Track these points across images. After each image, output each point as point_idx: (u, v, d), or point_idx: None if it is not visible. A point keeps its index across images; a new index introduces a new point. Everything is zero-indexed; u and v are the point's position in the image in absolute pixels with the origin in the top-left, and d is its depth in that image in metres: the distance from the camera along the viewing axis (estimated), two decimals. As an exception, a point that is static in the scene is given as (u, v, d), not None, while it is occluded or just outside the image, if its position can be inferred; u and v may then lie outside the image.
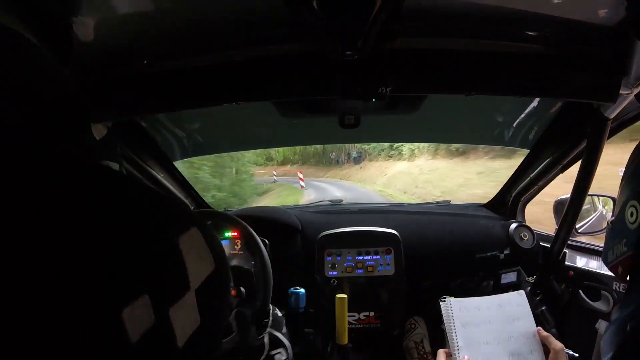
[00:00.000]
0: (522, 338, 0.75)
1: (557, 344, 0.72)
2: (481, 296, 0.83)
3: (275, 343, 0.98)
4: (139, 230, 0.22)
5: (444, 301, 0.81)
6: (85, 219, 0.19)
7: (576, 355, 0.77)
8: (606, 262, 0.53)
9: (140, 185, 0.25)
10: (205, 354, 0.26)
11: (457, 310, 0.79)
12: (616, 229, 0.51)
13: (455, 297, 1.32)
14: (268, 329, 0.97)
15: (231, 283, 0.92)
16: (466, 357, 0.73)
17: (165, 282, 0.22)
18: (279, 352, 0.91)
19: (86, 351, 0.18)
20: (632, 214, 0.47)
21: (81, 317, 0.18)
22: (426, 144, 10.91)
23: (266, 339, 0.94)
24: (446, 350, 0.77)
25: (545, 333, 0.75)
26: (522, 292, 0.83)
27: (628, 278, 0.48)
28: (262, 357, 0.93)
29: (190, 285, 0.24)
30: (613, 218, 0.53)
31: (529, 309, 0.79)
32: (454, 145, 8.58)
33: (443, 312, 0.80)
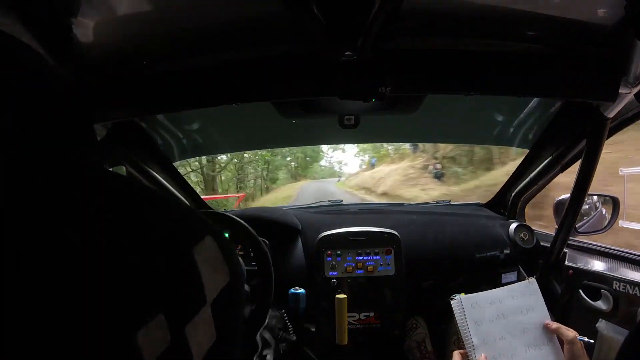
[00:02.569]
0: (537, 329, 0.74)
1: (568, 334, 0.70)
2: (490, 289, 0.81)
3: (265, 343, 0.98)
4: (151, 245, 0.20)
5: (455, 299, 0.79)
6: (94, 234, 0.18)
7: (591, 341, 0.74)
8: None
9: (150, 192, 0.24)
10: None
11: (469, 308, 0.76)
12: None
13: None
14: (261, 329, 0.95)
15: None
16: (483, 355, 0.71)
17: (180, 299, 0.21)
18: (268, 353, 0.90)
19: None
20: None
21: (95, 342, 0.16)
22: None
23: (258, 338, 0.93)
24: (461, 351, 0.75)
25: (554, 325, 0.73)
26: (533, 280, 0.80)
27: None
28: (255, 356, 0.92)
29: (206, 299, 0.22)
30: None
31: (541, 297, 0.77)
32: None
33: (455, 311, 0.78)
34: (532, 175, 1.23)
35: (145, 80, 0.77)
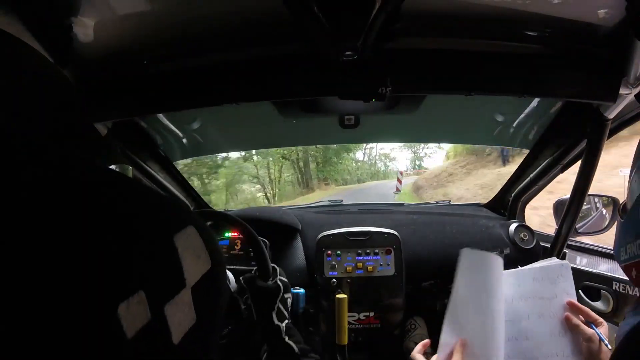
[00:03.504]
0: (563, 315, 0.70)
1: (586, 332, 0.67)
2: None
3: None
4: (134, 229, 0.22)
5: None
6: (82, 218, 0.20)
7: (609, 347, 0.72)
8: (618, 259, 0.47)
9: (136, 184, 0.26)
10: (201, 352, 0.26)
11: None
12: (630, 224, 0.44)
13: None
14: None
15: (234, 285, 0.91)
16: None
17: (160, 279, 0.23)
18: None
19: (83, 345, 0.18)
20: None
21: (78, 311, 0.18)
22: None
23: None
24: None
25: (574, 321, 0.69)
26: (567, 263, 0.75)
27: None
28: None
29: (186, 282, 0.24)
30: (624, 206, 0.46)
31: (573, 283, 0.72)
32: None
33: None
34: (532, 175, 1.23)
35: (146, 80, 0.77)
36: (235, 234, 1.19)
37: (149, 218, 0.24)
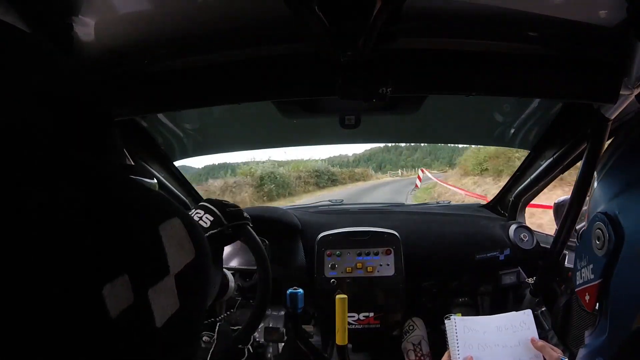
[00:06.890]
0: None
1: (552, 354, 0.72)
2: (486, 313, 0.83)
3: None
4: (120, 217, 0.23)
5: (449, 319, 0.80)
6: (72, 207, 0.21)
7: None
8: (575, 285, 0.48)
9: (125, 178, 0.27)
10: (184, 337, 0.27)
11: (462, 331, 0.78)
12: (583, 248, 0.44)
13: (456, 299, 1.32)
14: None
15: (233, 284, 0.91)
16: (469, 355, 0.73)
17: (144, 265, 0.24)
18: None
19: (68, 322, 0.19)
20: (599, 238, 0.40)
21: (64, 289, 0.19)
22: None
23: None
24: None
25: (540, 343, 0.74)
26: (529, 312, 0.81)
27: (597, 307, 0.42)
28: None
29: (169, 269, 0.25)
30: (584, 227, 0.46)
31: (535, 330, 0.78)
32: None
33: (447, 331, 0.79)
34: (532, 176, 1.23)
35: (146, 79, 0.77)
36: None
37: (135, 208, 0.25)
